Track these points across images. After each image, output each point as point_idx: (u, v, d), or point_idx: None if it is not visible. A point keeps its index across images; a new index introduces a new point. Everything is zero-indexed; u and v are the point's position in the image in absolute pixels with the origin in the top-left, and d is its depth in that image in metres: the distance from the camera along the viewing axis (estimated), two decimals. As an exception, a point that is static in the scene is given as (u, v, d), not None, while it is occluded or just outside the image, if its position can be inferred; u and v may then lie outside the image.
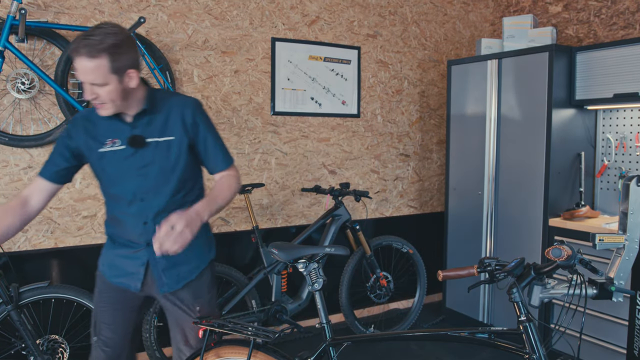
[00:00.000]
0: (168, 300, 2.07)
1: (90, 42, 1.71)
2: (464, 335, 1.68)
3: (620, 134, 3.55)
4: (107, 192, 2.02)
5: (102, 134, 1.93)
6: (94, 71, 1.73)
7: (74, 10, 3.11)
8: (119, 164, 1.93)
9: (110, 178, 1.97)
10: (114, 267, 2.05)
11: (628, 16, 3.69)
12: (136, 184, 1.94)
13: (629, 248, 1.90)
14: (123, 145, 1.92)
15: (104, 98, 1.79)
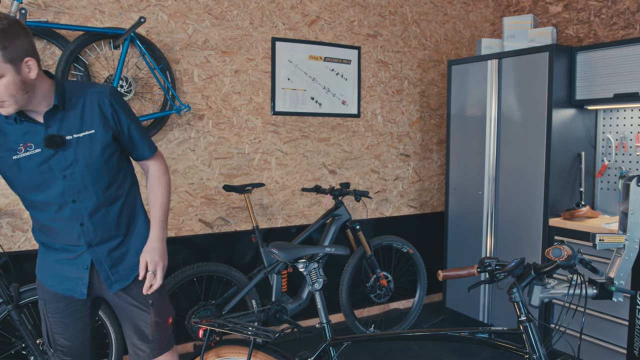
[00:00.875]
0: (120, 299, 1.98)
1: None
2: (464, 335, 1.68)
3: (620, 134, 3.55)
4: (30, 201, 1.86)
5: (12, 140, 1.75)
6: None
7: (74, 10, 3.11)
8: (37, 169, 1.78)
9: (31, 185, 1.81)
10: (55, 275, 1.92)
11: (628, 16, 3.69)
12: (62, 186, 1.81)
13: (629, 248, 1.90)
14: (38, 148, 1.76)
15: (2, 94, 1.62)
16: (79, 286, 1.91)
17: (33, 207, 1.88)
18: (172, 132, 3.45)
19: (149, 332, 2.00)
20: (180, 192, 3.50)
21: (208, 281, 3.53)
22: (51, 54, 3.07)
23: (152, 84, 3.37)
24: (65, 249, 1.89)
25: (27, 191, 1.82)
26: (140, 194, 2.04)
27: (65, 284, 1.92)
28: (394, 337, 1.94)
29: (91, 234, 1.87)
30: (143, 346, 2.02)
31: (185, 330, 3.38)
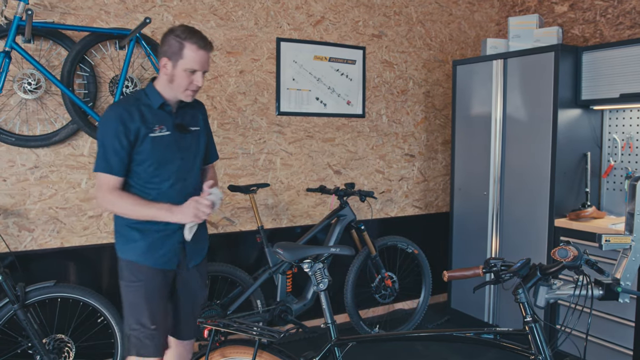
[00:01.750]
0: (190, 275, 2.28)
1: (208, 39, 2.12)
2: (469, 335, 1.67)
3: (626, 134, 3.54)
4: (151, 176, 2.14)
5: (150, 121, 2.11)
6: (209, 61, 2.14)
7: (80, 11, 3.13)
8: (165, 148, 2.14)
9: (158, 160, 2.13)
10: (153, 250, 2.15)
11: (635, 16, 3.67)
12: (178, 165, 2.18)
13: (636, 249, 1.89)
14: (169, 131, 2.14)
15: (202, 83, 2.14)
16: (173, 258, 2.20)
17: (151, 182, 2.14)
18: (177, 132, 3.46)
19: (199, 311, 2.36)
20: (185, 192, 3.50)
21: (213, 281, 3.53)
22: (57, 54, 3.08)
23: (157, 85, 3.38)
24: (165, 224, 2.14)
25: (154, 165, 2.12)
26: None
27: (162, 257, 2.17)
28: (398, 337, 1.93)
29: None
30: (192, 323, 2.34)
31: (191, 330, 3.38)
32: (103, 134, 2.08)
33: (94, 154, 3.20)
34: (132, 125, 2.06)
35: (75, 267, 3.20)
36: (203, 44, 2.08)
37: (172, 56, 2.08)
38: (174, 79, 2.10)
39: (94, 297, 2.91)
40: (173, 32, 2.08)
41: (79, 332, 3.12)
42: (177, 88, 2.12)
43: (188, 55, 2.06)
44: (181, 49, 2.05)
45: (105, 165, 2.06)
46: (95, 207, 3.24)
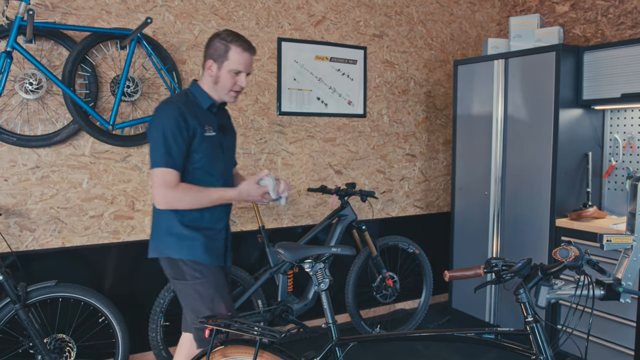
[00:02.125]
0: (228, 271, 2.46)
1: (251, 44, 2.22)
2: (470, 335, 1.67)
3: (627, 134, 3.53)
4: (204, 175, 2.20)
5: (201, 121, 2.17)
6: (252, 63, 2.24)
7: (81, 11, 3.13)
8: (212, 148, 2.21)
9: (209, 161, 2.20)
10: (210, 248, 2.22)
11: (636, 15, 3.67)
12: (224, 165, 2.29)
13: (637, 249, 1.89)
14: (214, 132, 2.22)
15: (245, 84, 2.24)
16: (223, 254, 2.32)
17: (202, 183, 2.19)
18: (178, 132, 3.46)
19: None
20: (186, 192, 3.50)
21: (214, 281, 3.53)
22: (58, 54, 3.08)
23: (158, 84, 3.39)
24: (214, 224, 2.25)
25: (205, 165, 2.18)
26: None
27: (217, 255, 2.27)
28: (399, 337, 1.93)
29: (228, 212, 2.37)
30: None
31: (192, 330, 3.38)
32: (164, 128, 2.07)
33: (95, 154, 3.20)
34: (190, 121, 2.11)
35: (77, 267, 3.21)
36: (247, 47, 2.19)
37: (217, 58, 2.17)
38: (218, 80, 2.20)
39: (95, 297, 2.91)
40: (219, 36, 2.18)
41: (80, 331, 3.13)
42: (222, 89, 2.21)
43: (233, 57, 2.16)
44: (227, 51, 2.16)
45: (168, 160, 2.06)
46: (97, 207, 3.24)
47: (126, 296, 3.35)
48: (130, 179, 3.32)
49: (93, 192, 3.23)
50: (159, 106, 2.16)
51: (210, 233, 2.23)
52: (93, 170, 3.22)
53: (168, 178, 2.06)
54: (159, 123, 2.09)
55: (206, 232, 2.21)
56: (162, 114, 2.10)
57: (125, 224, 3.33)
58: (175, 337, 3.44)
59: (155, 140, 2.08)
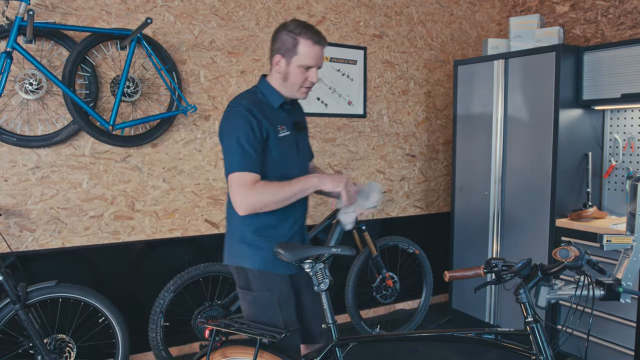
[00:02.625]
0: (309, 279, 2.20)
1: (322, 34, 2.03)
2: (470, 336, 1.67)
3: (627, 134, 3.53)
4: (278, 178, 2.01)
5: (273, 121, 2.02)
6: (323, 56, 2.05)
7: (82, 11, 3.13)
8: (288, 148, 2.07)
9: (285, 162, 2.06)
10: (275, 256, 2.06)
11: (636, 15, 3.66)
12: (299, 165, 2.14)
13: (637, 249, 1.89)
14: (288, 131, 2.07)
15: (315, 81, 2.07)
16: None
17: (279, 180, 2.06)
18: (178, 132, 3.46)
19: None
20: (186, 193, 3.51)
21: (214, 281, 3.54)
22: (59, 54, 3.08)
23: (158, 85, 3.39)
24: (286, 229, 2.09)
25: (276, 167, 2.03)
26: None
27: (286, 263, 2.06)
28: (400, 337, 1.93)
29: (303, 215, 2.20)
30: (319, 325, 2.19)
31: (192, 330, 3.39)
32: (237, 131, 1.92)
33: (95, 154, 3.21)
34: (263, 121, 1.96)
35: (77, 267, 3.21)
36: (318, 39, 1.99)
37: (285, 53, 1.99)
38: (288, 76, 2.02)
39: (95, 297, 2.91)
40: (286, 28, 1.99)
41: (80, 332, 3.13)
42: (292, 86, 2.04)
43: (303, 51, 1.97)
44: (295, 45, 1.97)
45: (244, 164, 1.89)
46: (97, 207, 3.24)
47: (126, 296, 3.35)
48: (130, 179, 3.32)
49: (93, 193, 3.23)
50: (228, 108, 2.00)
51: (283, 240, 2.08)
52: (93, 171, 3.22)
53: (245, 181, 1.89)
54: (230, 127, 1.94)
55: (278, 239, 2.07)
56: (232, 117, 1.95)
57: (125, 224, 3.33)
58: (174, 337, 3.45)
59: (228, 147, 1.94)
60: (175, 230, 3.49)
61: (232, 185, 1.90)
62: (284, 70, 2.01)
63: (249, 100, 1.99)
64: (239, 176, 1.89)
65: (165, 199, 3.44)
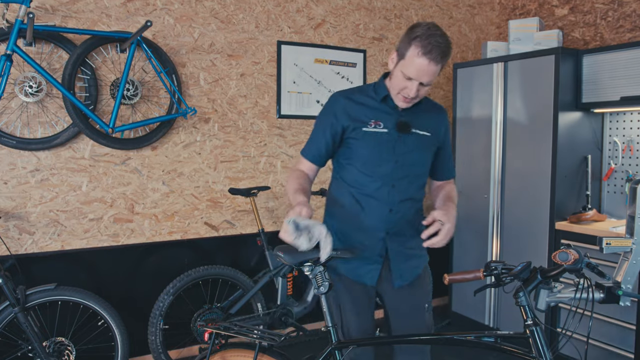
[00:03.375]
0: (399, 296, 2.06)
1: (442, 49, 1.79)
2: (470, 339, 1.67)
3: (627, 137, 3.53)
4: (359, 174, 1.99)
5: (365, 114, 1.96)
6: (433, 74, 1.83)
7: (82, 14, 3.13)
8: (378, 146, 1.95)
9: (366, 159, 1.97)
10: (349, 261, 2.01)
11: (635, 19, 3.67)
12: (391, 168, 1.96)
13: (637, 252, 1.89)
14: (386, 128, 1.95)
15: (420, 95, 1.90)
16: (371, 272, 2.00)
17: (356, 182, 1.99)
18: (178, 135, 3.46)
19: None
20: (186, 195, 3.50)
21: (214, 284, 3.53)
22: (58, 57, 3.08)
23: (158, 88, 3.39)
24: (364, 233, 1.99)
25: (359, 164, 1.97)
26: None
27: (358, 270, 2.00)
28: (399, 340, 1.93)
29: (393, 223, 1.99)
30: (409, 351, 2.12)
31: (191, 333, 3.38)
32: (318, 116, 2.06)
33: (95, 157, 3.21)
34: (345, 115, 1.96)
35: (76, 270, 3.20)
36: (427, 50, 1.77)
37: (399, 51, 1.88)
38: (392, 76, 1.93)
39: (95, 300, 2.91)
40: (413, 27, 1.84)
41: (79, 335, 3.12)
42: (392, 88, 1.94)
43: (408, 58, 1.82)
44: (407, 48, 1.83)
45: (305, 148, 2.07)
46: (96, 210, 3.24)
47: (126, 299, 3.35)
48: (129, 182, 3.32)
49: (92, 195, 3.22)
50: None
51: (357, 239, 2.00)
52: (93, 173, 3.22)
53: (299, 161, 2.07)
54: (320, 114, 2.07)
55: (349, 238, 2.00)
56: (325, 105, 2.06)
57: (124, 227, 3.33)
58: (174, 340, 3.45)
59: (313, 129, 2.08)
60: (174, 233, 3.49)
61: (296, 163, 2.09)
62: (391, 69, 1.93)
63: (346, 93, 2.02)
64: (301, 160, 2.07)
65: (164, 202, 3.44)
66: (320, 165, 2.07)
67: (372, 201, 1.97)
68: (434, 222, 1.83)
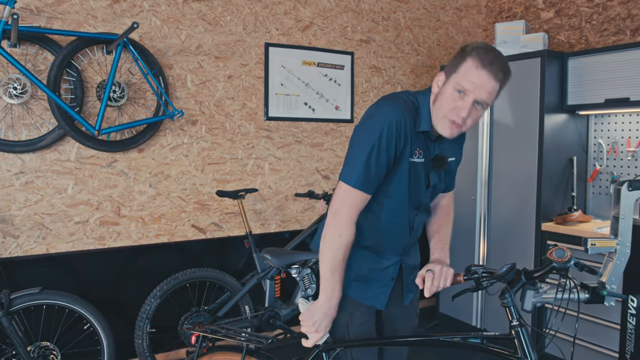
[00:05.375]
0: (403, 312, 2.00)
1: (504, 65, 1.61)
2: (456, 340, 1.67)
3: (611, 139, 3.57)
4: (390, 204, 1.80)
5: (415, 142, 1.73)
6: (492, 92, 1.61)
7: (67, 15, 3.11)
8: (416, 177, 1.78)
9: (404, 188, 1.77)
10: (362, 284, 1.87)
11: (619, 22, 3.72)
12: (421, 198, 1.83)
13: (621, 252, 1.91)
14: (424, 158, 1.77)
15: (471, 121, 1.66)
16: (382, 296, 1.89)
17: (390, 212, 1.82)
18: (165, 137, 3.45)
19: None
20: (173, 198, 3.49)
21: (201, 287, 3.52)
22: (44, 59, 3.06)
23: (145, 89, 3.37)
24: (382, 258, 1.87)
25: (395, 192, 1.78)
26: None
27: (369, 293, 1.88)
28: (386, 342, 1.93)
29: (409, 246, 1.92)
30: (404, 354, 2.09)
31: (179, 337, 3.36)
32: (371, 134, 1.66)
33: (81, 159, 3.18)
34: (404, 138, 1.68)
35: (61, 274, 3.17)
36: (488, 62, 1.57)
37: (448, 70, 1.67)
38: (439, 97, 1.68)
39: (80, 303, 2.88)
40: (464, 47, 1.67)
41: (65, 339, 3.09)
42: (437, 110, 1.68)
43: (463, 70, 1.60)
44: (460, 62, 1.62)
45: (361, 179, 1.66)
46: (82, 213, 3.21)
47: (112, 303, 3.32)
48: (116, 184, 3.30)
49: (78, 198, 3.20)
50: (379, 103, 1.73)
51: (372, 264, 1.87)
52: (78, 176, 3.19)
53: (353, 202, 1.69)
54: (369, 131, 1.68)
55: (366, 263, 1.87)
56: (378, 118, 1.68)
57: (111, 230, 3.31)
58: (161, 343, 3.43)
59: (357, 151, 1.69)
60: (161, 235, 3.47)
61: (339, 194, 1.71)
62: (438, 90, 1.70)
63: (405, 107, 1.69)
64: (349, 192, 1.68)
65: (151, 204, 3.42)
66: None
67: (397, 229, 1.85)
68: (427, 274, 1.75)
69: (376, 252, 1.86)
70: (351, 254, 1.80)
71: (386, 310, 1.94)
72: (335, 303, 1.75)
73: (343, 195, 1.69)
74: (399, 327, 2.01)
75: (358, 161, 1.66)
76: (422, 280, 1.74)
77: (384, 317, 2.00)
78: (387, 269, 1.88)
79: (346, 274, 1.83)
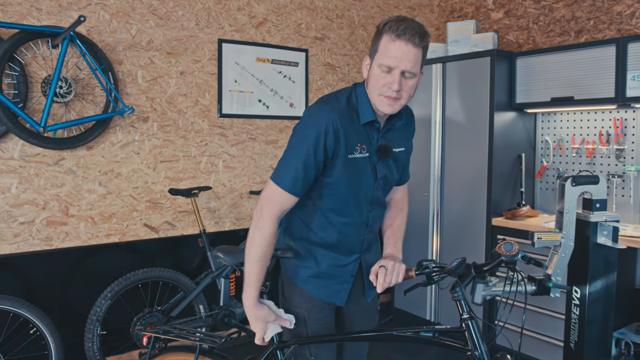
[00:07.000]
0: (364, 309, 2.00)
1: (419, 29, 1.58)
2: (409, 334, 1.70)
3: (557, 136, 3.70)
4: (334, 203, 1.78)
5: (353, 138, 1.70)
6: (414, 58, 1.59)
7: (9, 7, 2.98)
8: (361, 173, 1.75)
9: (351, 187, 1.75)
10: (321, 282, 1.86)
11: (564, 24, 3.84)
12: (371, 195, 1.81)
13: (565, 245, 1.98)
14: (367, 153, 1.73)
15: (407, 92, 1.65)
16: (341, 293, 1.88)
17: (336, 211, 1.80)
18: (115, 134, 3.35)
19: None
20: (124, 197, 3.40)
21: (154, 287, 3.44)
22: (-16, 52, 2.92)
23: (93, 85, 3.27)
24: (340, 255, 1.86)
25: (341, 191, 1.75)
26: None
27: (328, 290, 1.87)
28: (340, 338, 1.94)
29: (366, 242, 1.90)
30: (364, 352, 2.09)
31: (131, 338, 3.28)
32: (301, 137, 1.66)
33: (26, 157, 3.06)
34: (334, 140, 1.65)
35: (5, 277, 3.04)
36: (401, 33, 1.56)
37: (371, 52, 1.67)
38: (369, 79, 1.68)
39: (25, 307, 2.78)
40: (378, 25, 1.65)
41: (10, 344, 2.97)
42: (371, 93, 1.68)
43: (382, 47, 1.60)
44: (378, 40, 1.63)
45: (288, 181, 1.66)
46: (27, 213, 3.09)
47: (60, 306, 3.21)
48: (63, 183, 3.19)
49: (23, 197, 3.07)
50: (312, 109, 1.70)
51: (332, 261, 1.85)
52: (23, 175, 3.07)
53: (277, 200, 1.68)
54: (299, 127, 1.70)
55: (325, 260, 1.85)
56: (308, 119, 1.68)
57: (58, 230, 3.20)
58: (112, 346, 3.34)
59: (288, 151, 1.69)
60: (112, 235, 3.38)
61: (266, 191, 1.71)
62: (368, 72, 1.70)
63: (337, 110, 1.67)
64: (274, 190, 1.68)
65: (101, 203, 3.32)
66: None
67: (352, 228, 1.84)
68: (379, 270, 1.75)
69: (333, 249, 1.86)
70: (309, 251, 1.84)
71: (346, 307, 1.95)
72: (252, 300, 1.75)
73: (269, 192, 1.70)
74: (359, 324, 2.02)
75: (288, 163, 1.68)
76: (375, 276, 1.76)
77: (344, 314, 2.00)
78: (346, 266, 1.88)
79: (303, 272, 1.85)
